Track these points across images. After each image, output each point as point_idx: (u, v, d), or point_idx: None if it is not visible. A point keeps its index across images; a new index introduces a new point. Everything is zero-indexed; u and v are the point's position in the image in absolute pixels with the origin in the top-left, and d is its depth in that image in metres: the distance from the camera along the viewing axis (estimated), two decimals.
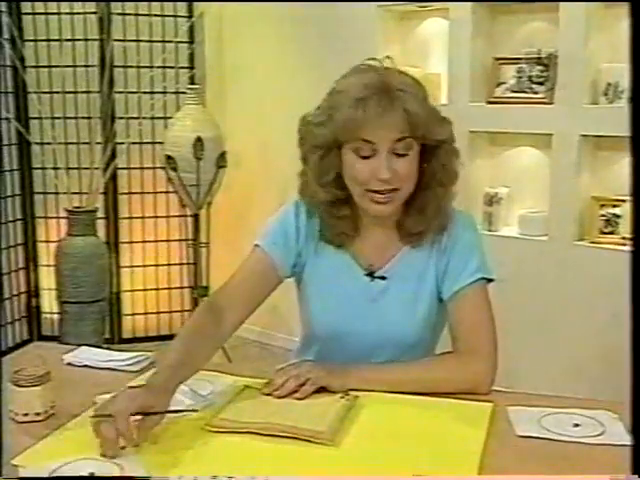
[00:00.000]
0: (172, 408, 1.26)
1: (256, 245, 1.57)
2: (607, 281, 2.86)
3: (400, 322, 1.52)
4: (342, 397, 1.36)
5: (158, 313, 4.05)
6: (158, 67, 3.79)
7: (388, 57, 1.47)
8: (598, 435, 1.24)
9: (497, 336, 1.49)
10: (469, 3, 3.11)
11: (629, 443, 1.18)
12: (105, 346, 3.16)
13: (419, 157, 1.45)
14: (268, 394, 1.38)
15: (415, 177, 1.46)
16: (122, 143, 3.72)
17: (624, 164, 2.93)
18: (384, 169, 1.39)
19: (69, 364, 1.60)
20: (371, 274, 1.54)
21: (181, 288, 4.06)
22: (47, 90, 3.72)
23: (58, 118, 3.74)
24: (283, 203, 1.63)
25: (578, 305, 2.94)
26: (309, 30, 3.55)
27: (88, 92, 3.71)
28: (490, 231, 3.21)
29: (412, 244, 1.53)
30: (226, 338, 1.54)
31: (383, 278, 1.53)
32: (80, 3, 3.69)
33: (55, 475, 1.11)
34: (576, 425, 1.27)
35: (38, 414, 1.30)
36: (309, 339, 1.65)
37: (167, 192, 3.84)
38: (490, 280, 1.54)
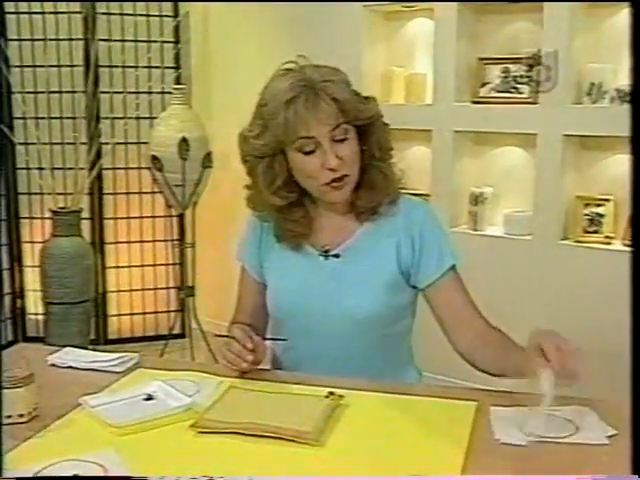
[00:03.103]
0: None
1: (239, 261, 1.71)
2: (591, 280, 2.88)
3: (357, 298, 1.55)
4: (327, 397, 1.36)
5: (144, 314, 4.04)
6: (143, 67, 3.78)
7: (300, 55, 1.55)
8: (575, 434, 1.24)
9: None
10: (454, 3, 3.12)
11: (607, 439, 1.20)
12: (91, 347, 3.16)
13: (357, 139, 1.53)
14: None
15: (359, 159, 1.53)
16: (107, 143, 3.70)
17: (608, 163, 2.96)
18: (331, 158, 1.46)
19: (53, 365, 1.59)
20: (325, 253, 1.59)
21: (167, 288, 4.05)
22: (31, 90, 3.70)
23: (42, 118, 3.72)
24: None
25: (562, 303, 2.96)
26: (295, 30, 3.55)
27: (73, 92, 3.69)
28: (475, 230, 3.22)
29: (368, 220, 1.59)
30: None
31: (337, 256, 1.58)
32: (64, 2, 3.67)
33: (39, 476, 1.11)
34: (556, 424, 1.27)
35: (21, 415, 1.30)
36: (273, 326, 1.69)
37: (153, 192, 3.83)
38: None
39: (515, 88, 3.11)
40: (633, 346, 0.95)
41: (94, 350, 1.73)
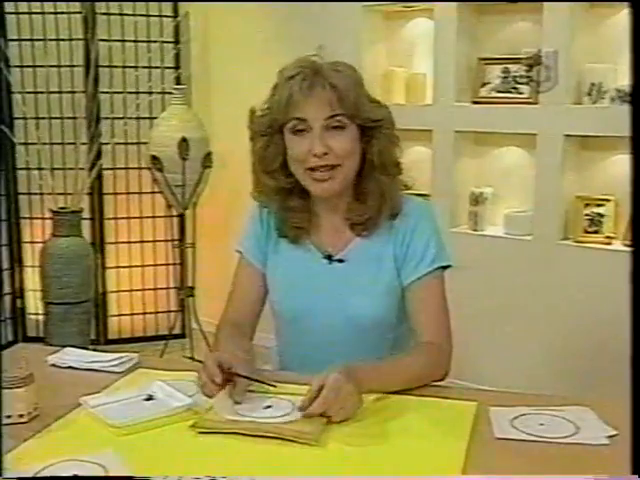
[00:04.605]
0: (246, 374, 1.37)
1: (238, 251, 1.68)
2: (591, 280, 2.88)
3: (359, 303, 1.55)
4: None
5: (144, 314, 4.03)
6: (143, 67, 3.78)
7: (318, 48, 1.56)
8: (575, 434, 1.24)
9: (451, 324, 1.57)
10: (454, 3, 3.12)
11: (606, 440, 1.20)
12: (91, 347, 3.15)
13: (359, 140, 1.51)
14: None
15: (355, 156, 1.51)
16: (107, 143, 3.70)
17: (608, 164, 2.96)
18: (317, 143, 1.45)
19: (53, 365, 1.59)
20: (329, 257, 1.59)
21: (167, 289, 4.04)
22: (31, 90, 3.70)
23: (43, 118, 3.72)
24: None
25: (562, 303, 2.96)
26: (294, 30, 3.55)
27: (73, 92, 3.69)
28: (475, 230, 3.22)
29: (361, 233, 1.58)
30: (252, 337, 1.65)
31: (341, 261, 1.58)
32: (64, 2, 3.67)
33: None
34: (555, 424, 1.27)
35: (21, 416, 1.29)
36: (278, 327, 1.70)
37: (153, 192, 3.83)
38: (447, 266, 1.59)
39: (515, 88, 3.11)
40: (633, 346, 0.95)
41: (94, 350, 1.73)
